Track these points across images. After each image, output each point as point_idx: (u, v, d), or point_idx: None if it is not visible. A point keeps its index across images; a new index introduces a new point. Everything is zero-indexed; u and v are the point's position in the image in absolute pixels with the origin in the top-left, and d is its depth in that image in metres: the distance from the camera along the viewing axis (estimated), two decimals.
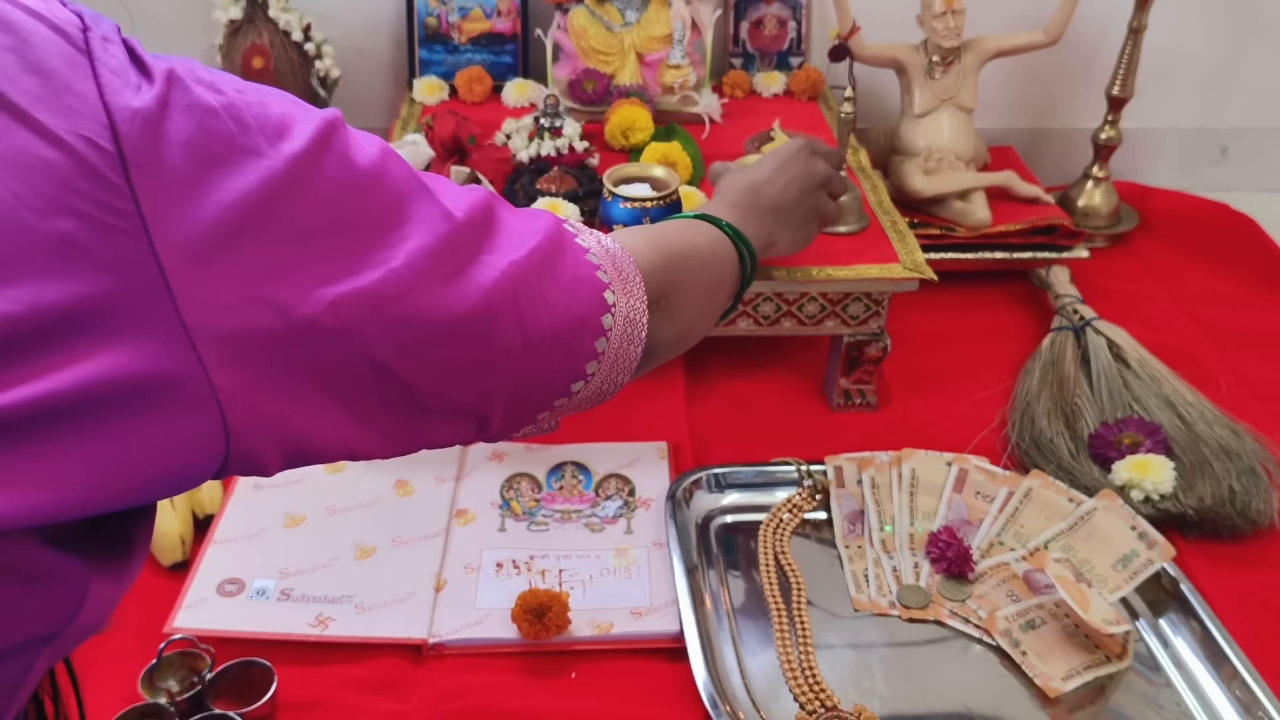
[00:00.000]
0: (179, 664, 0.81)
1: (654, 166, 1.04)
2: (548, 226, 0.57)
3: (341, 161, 0.47)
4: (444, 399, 0.52)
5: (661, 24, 1.32)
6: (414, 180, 0.51)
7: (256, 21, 1.26)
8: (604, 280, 0.59)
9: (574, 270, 0.58)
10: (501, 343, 0.53)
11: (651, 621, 0.85)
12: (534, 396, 0.58)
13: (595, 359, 0.59)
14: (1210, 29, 1.48)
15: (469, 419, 0.55)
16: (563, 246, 0.58)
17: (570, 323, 0.57)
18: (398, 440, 0.52)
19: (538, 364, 0.56)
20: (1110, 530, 0.88)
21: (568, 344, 0.57)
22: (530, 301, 0.54)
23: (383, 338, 0.48)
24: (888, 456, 0.97)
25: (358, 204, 0.47)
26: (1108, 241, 1.40)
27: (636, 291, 0.62)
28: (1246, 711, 0.77)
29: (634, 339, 0.62)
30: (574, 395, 0.60)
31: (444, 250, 0.50)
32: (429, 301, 0.49)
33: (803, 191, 0.88)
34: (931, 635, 0.85)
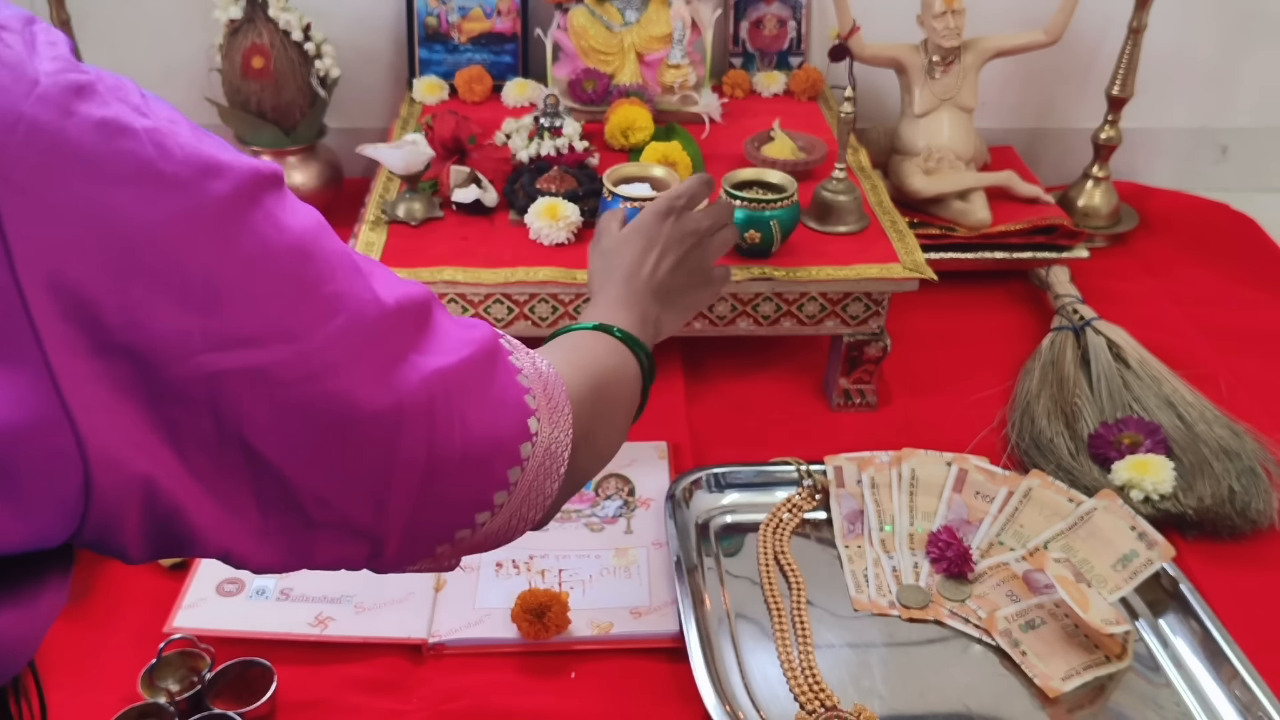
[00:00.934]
0: (179, 664, 0.81)
1: (654, 166, 1.04)
2: (483, 338, 0.53)
3: (269, 219, 0.42)
4: (332, 510, 0.47)
5: (661, 24, 1.32)
6: (347, 257, 0.46)
7: (256, 21, 1.26)
8: (530, 406, 0.55)
9: (501, 390, 0.53)
10: (406, 454, 0.48)
11: (651, 621, 0.85)
12: (434, 522, 0.52)
13: (506, 489, 0.54)
14: (1210, 29, 1.48)
15: (360, 539, 0.49)
16: (495, 362, 0.54)
17: (485, 445, 0.52)
18: (278, 550, 0.47)
19: (442, 485, 0.50)
20: (1110, 530, 0.88)
21: (478, 468, 0.52)
22: (447, 415, 0.49)
23: (266, 425, 0.42)
24: (887, 456, 0.97)
25: (278, 269, 0.42)
26: (1107, 241, 1.40)
27: (563, 424, 0.58)
28: (1246, 711, 0.77)
29: (551, 473, 0.57)
30: (478, 527, 0.54)
31: (365, 340, 0.45)
32: (334, 393, 0.44)
33: (679, 261, 0.81)
34: (931, 635, 0.85)
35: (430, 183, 1.12)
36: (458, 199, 1.09)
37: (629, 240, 0.81)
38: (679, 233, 0.82)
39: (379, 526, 0.49)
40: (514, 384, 0.55)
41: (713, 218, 0.84)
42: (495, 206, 1.10)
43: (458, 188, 1.09)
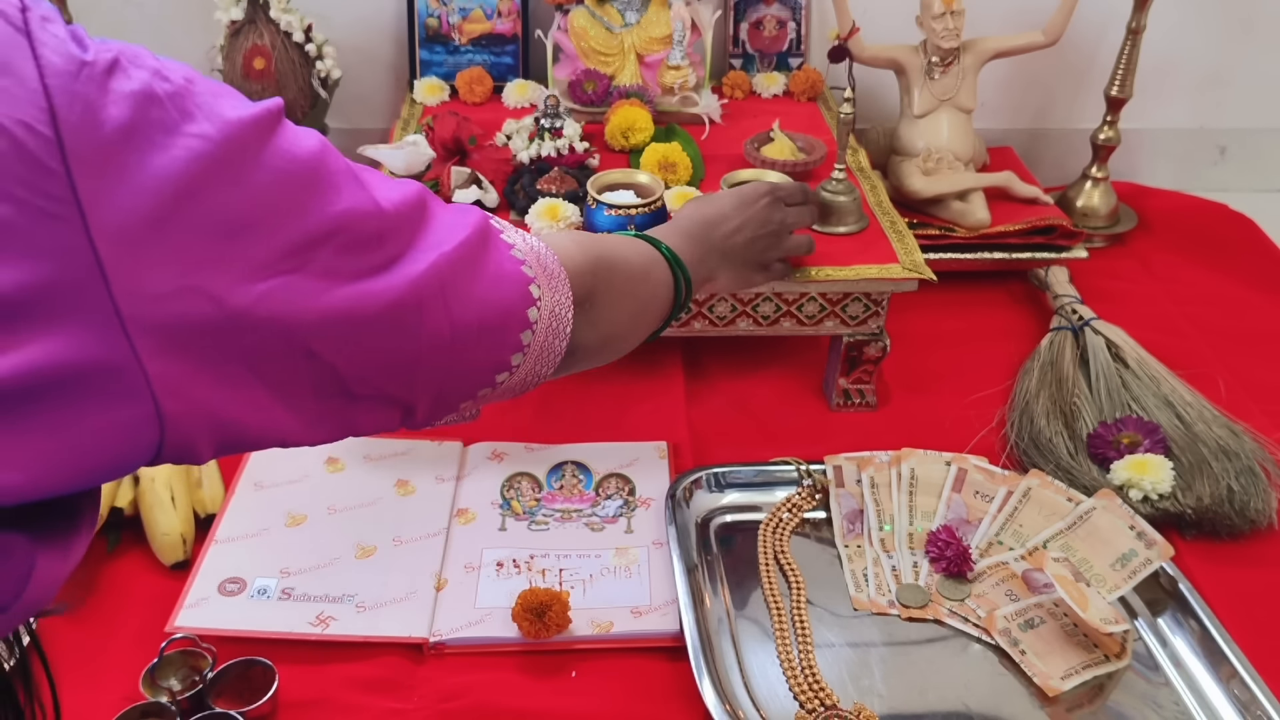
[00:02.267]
0: (180, 663, 0.81)
1: (638, 173, 1.04)
2: (475, 221, 0.58)
3: (279, 153, 0.47)
4: (372, 386, 0.53)
5: (661, 25, 1.32)
6: (349, 173, 0.51)
7: (257, 22, 1.26)
8: (529, 275, 0.60)
9: (499, 264, 0.58)
10: (429, 334, 0.53)
11: (651, 620, 0.85)
12: (460, 386, 0.59)
13: (520, 350, 0.60)
14: (1208, 30, 1.48)
15: (395, 406, 0.55)
16: (488, 241, 0.58)
17: (497, 315, 0.58)
18: (325, 427, 0.53)
19: (465, 355, 0.56)
20: (1109, 530, 0.88)
21: (494, 335, 0.58)
22: (457, 294, 0.54)
23: (314, 328, 0.48)
24: (887, 456, 0.97)
25: (293, 195, 0.47)
26: (1106, 242, 1.41)
27: (561, 288, 0.63)
28: (1245, 710, 0.78)
29: (559, 333, 0.63)
30: (498, 386, 0.61)
31: (372, 242, 0.50)
32: (358, 293, 0.49)
33: (754, 237, 0.90)
34: (930, 634, 0.85)
35: (431, 183, 1.12)
36: (458, 199, 1.09)
37: (726, 197, 0.91)
38: (769, 214, 0.91)
39: (411, 395, 0.55)
40: (509, 257, 0.60)
41: (801, 217, 0.96)
42: (496, 207, 1.10)
43: (458, 188, 1.10)
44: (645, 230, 0.98)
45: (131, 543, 0.92)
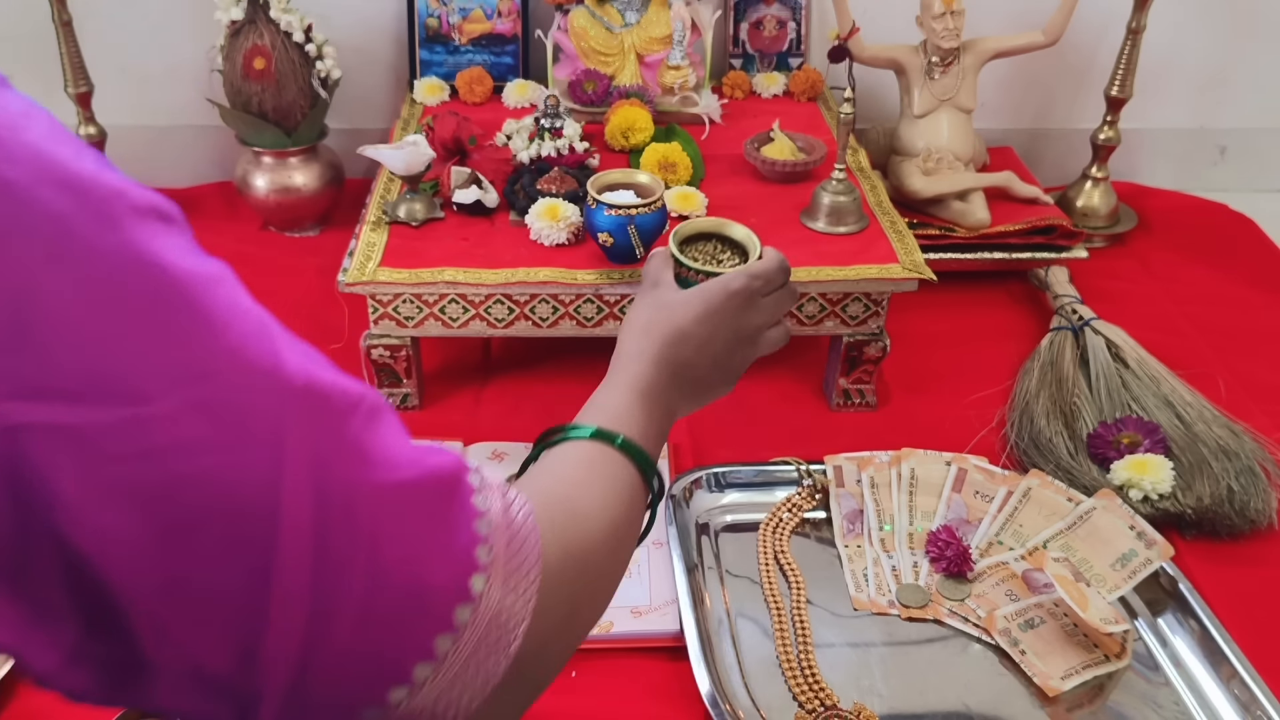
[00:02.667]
0: None
1: (638, 173, 1.04)
2: (442, 467, 0.42)
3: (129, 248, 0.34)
4: (175, 647, 0.36)
5: (661, 25, 1.33)
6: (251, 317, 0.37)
7: (258, 22, 1.26)
8: (480, 561, 0.43)
9: (446, 534, 0.42)
10: (285, 582, 0.36)
11: (652, 620, 0.85)
12: (331, 692, 0.39)
13: (430, 660, 0.41)
14: (1208, 30, 1.48)
15: (217, 697, 0.38)
16: (450, 499, 0.42)
17: (403, 596, 0.40)
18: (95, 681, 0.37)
19: (340, 640, 0.38)
20: (1109, 530, 0.88)
21: (392, 625, 0.40)
22: (349, 545, 0.38)
23: (81, 508, 0.33)
24: (887, 456, 0.97)
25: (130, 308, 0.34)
26: (1106, 242, 1.41)
27: (524, 591, 0.45)
28: (1245, 710, 0.78)
29: (497, 649, 0.44)
30: (390, 708, 0.41)
31: (247, 417, 0.35)
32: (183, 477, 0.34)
33: (724, 351, 0.69)
34: (930, 634, 0.85)
35: (431, 184, 1.12)
36: (458, 200, 1.09)
37: (688, 306, 0.68)
38: (743, 322, 0.70)
39: (246, 681, 0.37)
40: (466, 529, 0.43)
41: (780, 305, 0.73)
42: (496, 207, 1.10)
43: (458, 188, 1.10)
44: (645, 234, 0.97)
45: None
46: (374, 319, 1.03)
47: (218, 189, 1.48)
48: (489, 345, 1.17)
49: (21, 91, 0.36)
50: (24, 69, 1.41)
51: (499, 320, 1.03)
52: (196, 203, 1.45)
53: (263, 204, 1.35)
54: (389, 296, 1.02)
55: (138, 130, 1.44)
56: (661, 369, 0.65)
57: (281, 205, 1.35)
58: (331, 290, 1.04)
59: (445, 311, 1.02)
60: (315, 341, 0.40)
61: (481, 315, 1.03)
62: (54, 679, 0.36)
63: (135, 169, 1.43)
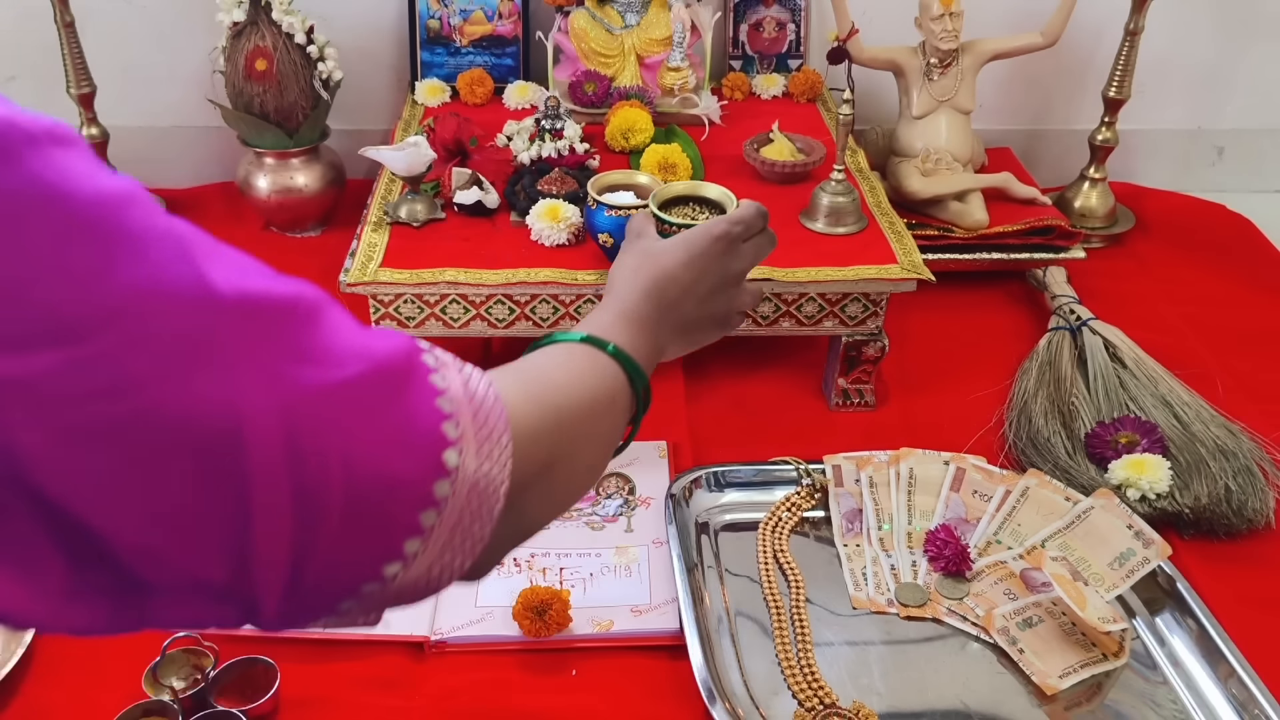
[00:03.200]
0: (182, 661, 0.81)
1: (638, 174, 1.04)
2: (391, 351, 0.42)
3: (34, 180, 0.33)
4: (168, 568, 0.37)
5: (661, 26, 1.33)
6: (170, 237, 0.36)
7: (259, 24, 1.26)
8: (449, 436, 0.44)
9: (408, 416, 0.42)
10: (262, 494, 0.37)
11: (651, 619, 0.86)
12: (328, 576, 0.41)
13: (419, 535, 0.43)
14: (1206, 31, 1.49)
15: (220, 601, 0.39)
16: (405, 382, 0.43)
17: (381, 483, 0.41)
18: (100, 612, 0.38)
19: (328, 531, 0.40)
20: (1107, 529, 0.89)
21: (376, 511, 0.41)
22: (317, 443, 0.38)
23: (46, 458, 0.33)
24: (886, 455, 0.97)
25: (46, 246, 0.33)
26: (1104, 242, 1.41)
27: (498, 456, 0.47)
28: (1242, 709, 0.78)
29: (481, 514, 0.46)
30: (388, 581, 0.44)
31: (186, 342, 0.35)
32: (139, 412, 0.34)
33: (709, 294, 0.71)
34: (929, 633, 0.85)
35: (432, 184, 1.13)
36: (459, 200, 1.10)
37: (673, 251, 0.70)
38: (727, 266, 0.72)
39: (244, 585, 0.39)
40: (429, 409, 0.44)
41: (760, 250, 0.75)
42: (496, 208, 1.11)
43: (459, 189, 1.10)
44: None
45: None
46: (375, 319, 1.03)
47: (219, 190, 1.48)
48: (490, 345, 1.17)
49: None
50: (27, 70, 1.42)
51: (500, 320, 1.03)
52: (198, 203, 1.46)
53: (264, 205, 1.36)
54: (390, 297, 1.02)
55: (140, 131, 1.44)
56: (650, 303, 0.67)
57: (283, 206, 1.35)
58: (333, 291, 1.05)
59: (446, 312, 1.03)
60: None
61: (482, 315, 1.03)
62: (54, 622, 0.37)
63: (137, 170, 1.43)
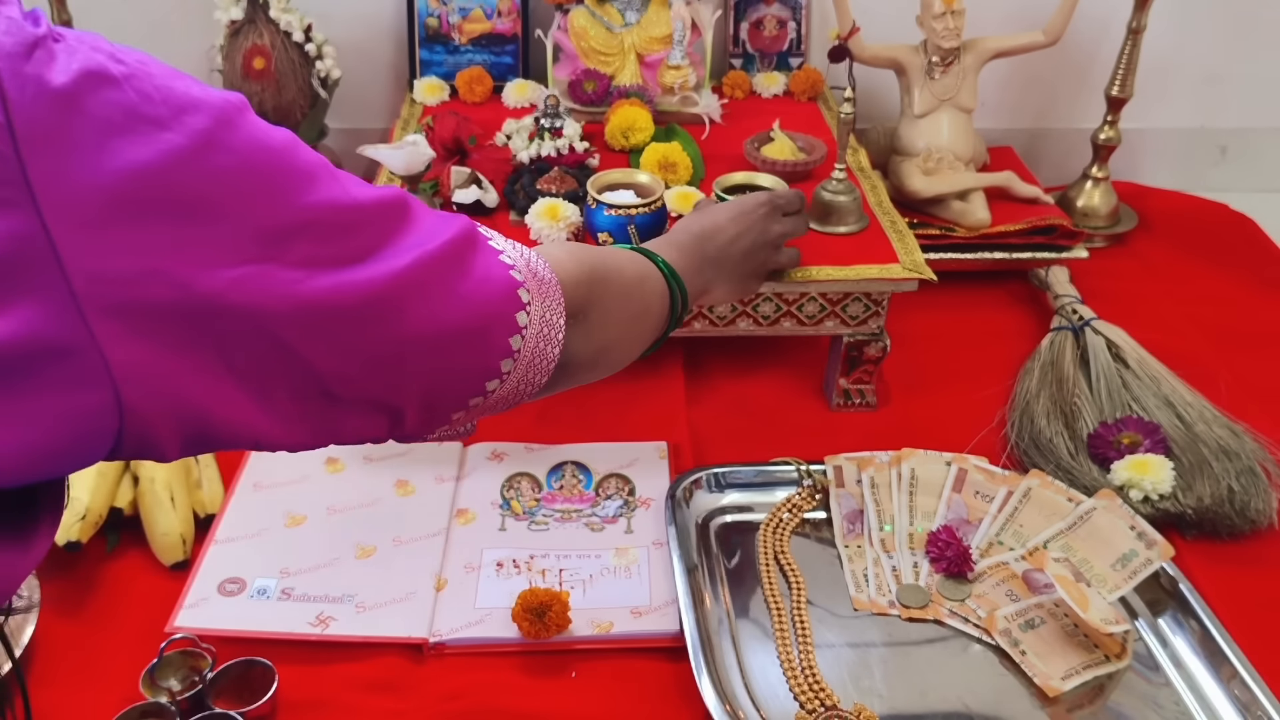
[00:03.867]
0: (180, 663, 0.81)
1: (638, 173, 1.04)
2: (461, 225, 0.56)
3: (247, 140, 0.46)
4: (353, 387, 0.51)
5: (661, 25, 1.32)
6: (324, 167, 0.50)
7: (257, 22, 1.26)
8: (518, 279, 0.59)
9: (486, 267, 0.57)
10: (412, 332, 0.52)
11: (651, 621, 0.85)
12: (448, 392, 0.57)
13: (510, 356, 0.58)
14: (1209, 30, 1.48)
15: (381, 412, 0.54)
16: (475, 245, 0.57)
17: (483, 317, 0.56)
18: (306, 430, 0.51)
19: (452, 358, 0.55)
20: (1109, 530, 0.88)
21: (481, 339, 0.56)
22: (441, 293, 0.53)
23: (288, 318, 0.46)
24: (887, 456, 0.97)
25: (263, 182, 0.46)
26: (1107, 242, 1.41)
27: (553, 295, 0.61)
28: (1245, 711, 0.78)
29: (550, 340, 0.61)
30: (489, 395, 0.59)
31: (349, 234, 0.49)
32: (334, 284, 0.48)
33: (752, 248, 0.89)
34: (931, 635, 0.85)
35: (431, 183, 1.12)
36: (458, 199, 1.09)
37: (722, 208, 0.89)
38: (767, 225, 0.90)
39: (397, 398, 0.54)
40: (498, 262, 0.58)
41: (797, 226, 0.96)
42: (496, 207, 1.10)
43: (458, 188, 1.10)
44: (645, 234, 0.98)
45: (131, 543, 0.92)
46: None
47: None
48: None
49: None
50: None
51: None
52: None
53: None
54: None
55: None
56: (697, 242, 0.84)
57: None
58: None
59: None
60: None
61: None
62: (281, 442, 0.51)
63: None
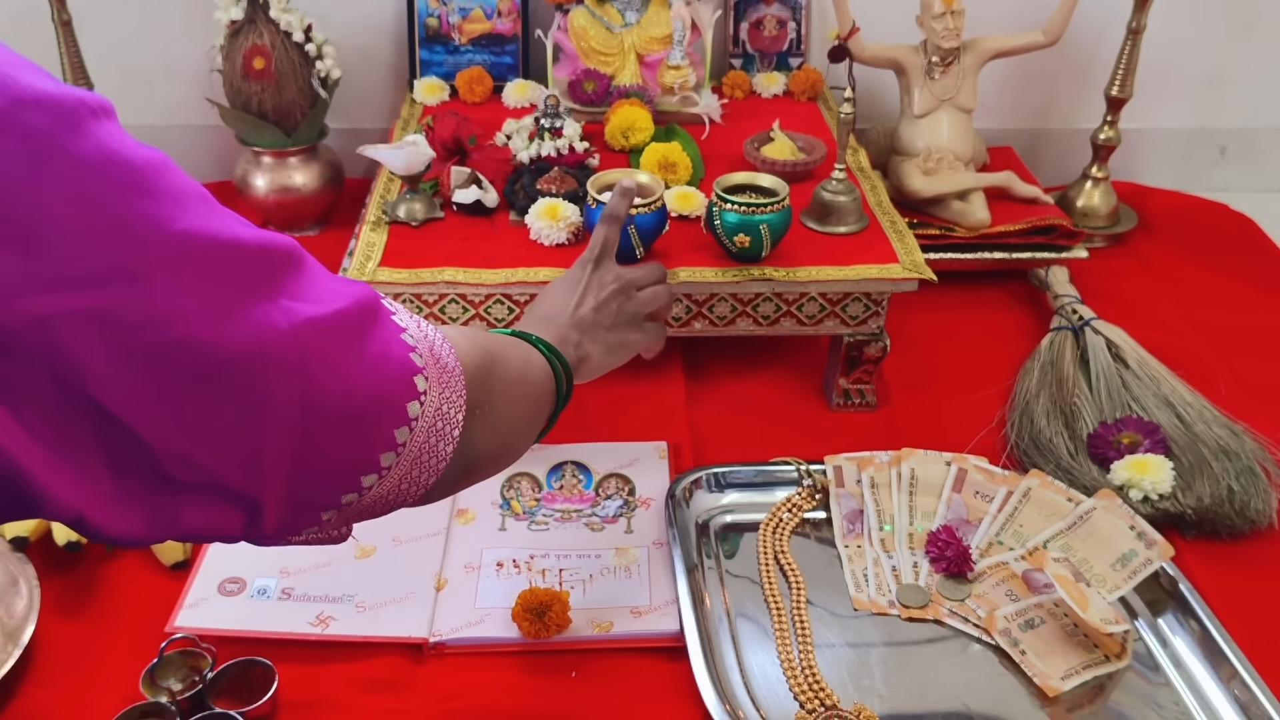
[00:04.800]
0: (180, 663, 0.81)
1: (638, 173, 1.04)
2: (363, 294, 0.50)
3: (98, 149, 0.38)
4: (196, 469, 0.43)
5: (661, 25, 1.32)
6: (200, 193, 0.42)
7: (257, 22, 1.26)
8: (417, 364, 0.52)
9: (384, 345, 0.50)
10: (277, 406, 0.44)
11: (651, 621, 0.85)
12: (317, 485, 0.48)
13: (393, 450, 0.50)
14: (1209, 29, 1.48)
15: (233, 504, 0.45)
16: (376, 318, 0.50)
17: (368, 401, 0.48)
18: (138, 516, 0.43)
19: (323, 443, 0.47)
20: (1109, 530, 0.88)
21: (362, 426, 0.48)
22: (323, 365, 0.45)
23: (110, 376, 0.39)
24: (887, 456, 0.97)
25: (111, 202, 0.38)
26: (1106, 242, 1.41)
27: (455, 384, 0.55)
28: (1245, 711, 0.78)
29: (444, 436, 0.54)
30: (365, 492, 0.51)
31: (220, 276, 0.41)
32: (186, 338, 0.40)
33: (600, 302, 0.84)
34: (931, 634, 0.85)
35: (431, 183, 1.12)
36: (458, 200, 1.09)
37: (555, 287, 0.86)
38: (599, 279, 0.85)
39: (254, 488, 0.45)
40: (397, 340, 0.51)
41: (639, 271, 0.89)
42: (496, 207, 1.10)
43: (458, 188, 1.09)
44: (646, 234, 0.99)
45: None
46: None
47: (217, 189, 1.47)
48: None
49: None
50: None
51: (499, 320, 1.03)
52: None
53: (262, 204, 1.35)
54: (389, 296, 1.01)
55: (137, 130, 1.41)
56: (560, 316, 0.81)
57: (281, 205, 1.35)
58: None
59: (445, 311, 1.02)
60: None
61: (481, 315, 1.03)
62: (101, 524, 0.42)
63: None
